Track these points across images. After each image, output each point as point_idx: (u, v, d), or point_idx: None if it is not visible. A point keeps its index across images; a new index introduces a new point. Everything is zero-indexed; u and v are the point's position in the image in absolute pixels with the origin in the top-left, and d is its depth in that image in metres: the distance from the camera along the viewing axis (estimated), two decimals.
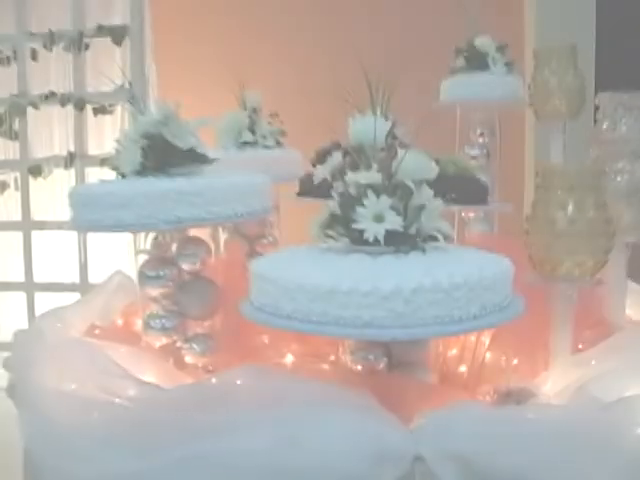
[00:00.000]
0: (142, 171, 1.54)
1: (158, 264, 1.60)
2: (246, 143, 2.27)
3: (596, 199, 1.40)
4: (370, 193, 1.27)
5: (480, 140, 2.36)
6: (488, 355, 1.62)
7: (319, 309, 1.18)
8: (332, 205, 1.32)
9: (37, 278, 3.25)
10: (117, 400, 1.31)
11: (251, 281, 1.33)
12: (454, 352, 1.63)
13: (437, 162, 1.46)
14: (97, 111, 3.26)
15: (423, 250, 1.27)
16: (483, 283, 1.19)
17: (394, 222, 1.25)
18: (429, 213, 1.30)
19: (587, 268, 1.41)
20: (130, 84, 3.78)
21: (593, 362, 1.42)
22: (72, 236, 3.16)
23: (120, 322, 1.90)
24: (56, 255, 3.29)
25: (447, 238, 1.33)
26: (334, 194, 1.34)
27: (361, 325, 1.16)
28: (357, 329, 1.16)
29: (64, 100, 3.26)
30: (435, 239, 1.31)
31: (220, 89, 2.15)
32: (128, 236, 2.36)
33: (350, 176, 1.31)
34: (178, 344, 1.63)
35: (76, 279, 3.21)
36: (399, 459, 1.16)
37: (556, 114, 2.12)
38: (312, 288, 1.18)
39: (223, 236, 2.36)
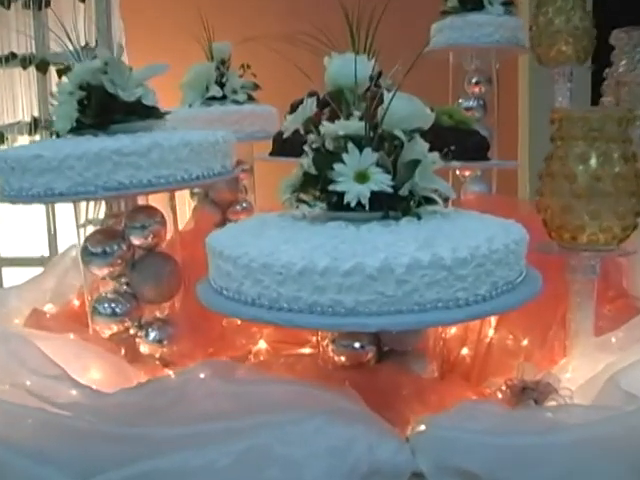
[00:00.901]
0: (79, 129, 1.29)
1: (104, 238, 1.36)
2: (214, 98, 2.03)
3: (624, 151, 1.16)
4: (351, 147, 1.02)
5: (476, 90, 2.12)
6: (492, 334, 1.38)
7: (289, 294, 0.94)
8: (305, 163, 1.08)
9: (3, 252, 3.02)
10: (50, 407, 1.06)
11: (209, 258, 1.09)
12: (454, 331, 1.38)
13: None
14: (62, 72, 2.98)
15: (418, 216, 1.03)
16: (494, 257, 0.96)
17: (381, 182, 1.00)
18: (424, 170, 1.05)
19: (613, 234, 1.17)
20: (96, 42, 3.57)
21: (619, 345, 1.19)
22: (40, 206, 2.95)
23: (77, 304, 1.65)
24: (23, 227, 3.08)
25: (446, 201, 1.09)
26: (307, 149, 1.09)
27: (342, 313, 0.92)
28: (337, 318, 0.92)
29: (26, 62, 3.02)
30: (432, 202, 1.06)
31: (193, 46, 1.97)
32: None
33: (326, 126, 1.06)
34: (131, 332, 1.41)
35: (45, 252, 3.00)
36: (394, 476, 0.93)
37: (562, 59, 1.88)
38: (280, 267, 0.94)
39: (193, 203, 2.13)
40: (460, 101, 2.13)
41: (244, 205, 2.03)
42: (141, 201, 1.52)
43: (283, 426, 0.95)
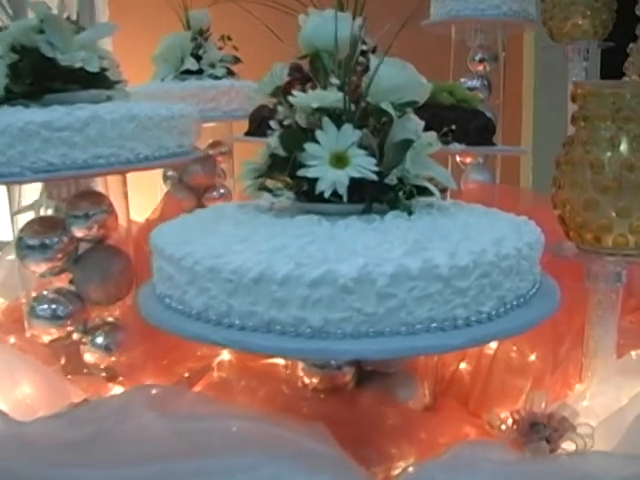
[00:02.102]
0: (9, 99, 1.08)
1: (43, 229, 1.16)
2: (189, 72, 1.83)
3: None
4: (326, 122, 0.82)
5: (480, 69, 1.90)
6: (495, 345, 1.17)
7: (242, 307, 0.74)
8: (272, 142, 0.87)
9: None
10: None
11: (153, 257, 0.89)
12: None
13: None
14: None
15: (409, 211, 0.83)
16: (502, 265, 0.75)
17: (363, 166, 0.80)
18: (418, 153, 0.85)
19: None
20: (78, 15, 3.36)
21: None
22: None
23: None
24: None
25: (444, 192, 0.89)
26: (274, 126, 0.89)
27: (307, 334, 0.72)
28: (300, 341, 0.72)
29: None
30: (427, 193, 0.86)
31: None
32: None
33: (297, 97, 0.85)
34: (75, 337, 1.20)
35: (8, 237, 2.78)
36: None
37: (577, 34, 1.67)
38: (231, 273, 0.74)
39: (165, 188, 1.93)
40: (462, 80, 1.91)
41: (221, 191, 1.85)
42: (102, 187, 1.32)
43: (234, 473, 0.75)
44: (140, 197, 2.20)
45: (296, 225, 0.81)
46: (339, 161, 0.81)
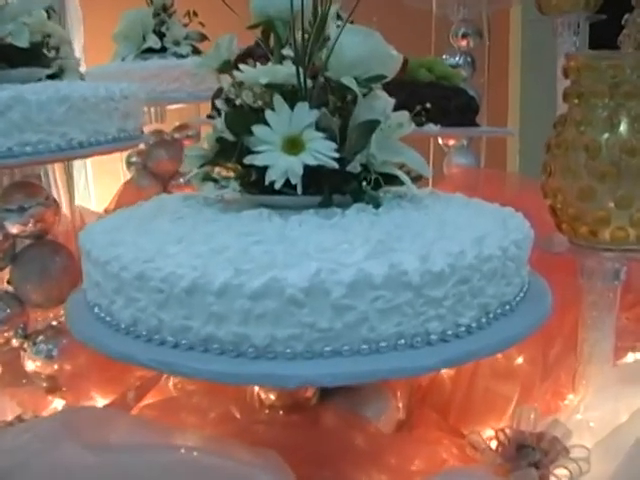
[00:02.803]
0: None
1: None
2: (151, 50, 1.70)
3: None
4: (278, 101, 0.69)
5: (463, 44, 1.78)
6: None
7: (174, 322, 0.62)
8: (218, 125, 0.75)
9: None
10: None
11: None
12: None
13: (402, 64, 0.89)
14: None
15: (375, 203, 0.71)
16: (485, 268, 0.63)
17: (321, 152, 0.68)
18: (386, 136, 0.73)
19: None
20: None
21: None
22: None
23: None
24: None
25: (416, 180, 0.77)
26: (221, 106, 0.76)
27: (250, 355, 0.60)
28: (241, 363, 0.60)
29: None
30: (396, 182, 0.74)
31: None
32: None
33: (244, 72, 0.73)
34: (14, 343, 1.07)
35: None
36: None
37: (568, 7, 1.55)
38: (160, 281, 0.62)
39: (129, 175, 1.80)
40: (444, 57, 1.79)
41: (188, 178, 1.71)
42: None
43: None
44: (105, 184, 2.07)
45: (242, 221, 0.69)
46: (293, 146, 0.69)
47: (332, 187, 0.71)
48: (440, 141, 1.73)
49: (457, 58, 1.78)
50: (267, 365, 0.59)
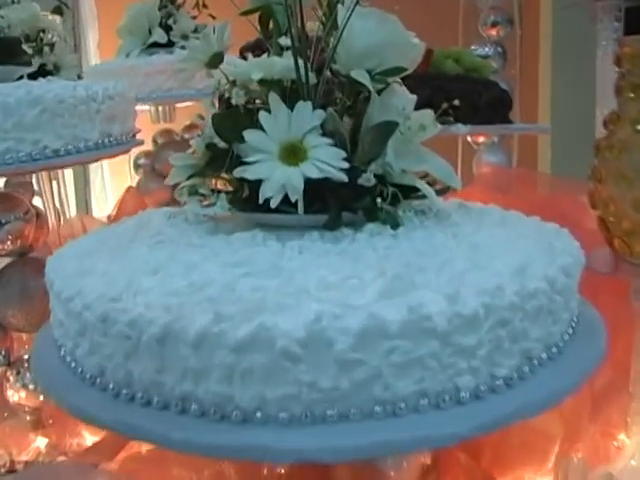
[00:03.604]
0: None
1: None
2: (157, 45, 1.58)
3: None
4: (274, 100, 0.57)
5: (493, 34, 1.65)
6: None
7: (144, 376, 0.50)
8: (207, 130, 0.63)
9: None
10: None
11: None
12: None
13: (426, 55, 0.77)
14: None
15: (393, 223, 0.58)
16: (529, 306, 0.51)
17: (326, 161, 0.56)
18: (406, 141, 0.60)
19: None
20: None
21: None
22: None
23: None
24: None
25: (442, 193, 0.64)
26: (208, 107, 0.64)
27: (235, 419, 0.48)
28: (224, 430, 0.48)
29: None
30: (417, 194, 0.62)
31: None
32: None
33: (235, 67, 0.61)
34: None
35: None
36: None
37: None
38: (127, 326, 0.49)
39: (137, 178, 1.69)
40: (473, 48, 1.66)
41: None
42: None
43: None
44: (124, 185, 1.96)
45: (232, 247, 0.57)
46: (292, 155, 0.57)
47: (340, 204, 0.58)
48: (469, 138, 1.61)
49: (487, 48, 1.66)
50: (255, 433, 0.46)
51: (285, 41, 0.61)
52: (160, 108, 1.64)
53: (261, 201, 0.57)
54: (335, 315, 0.46)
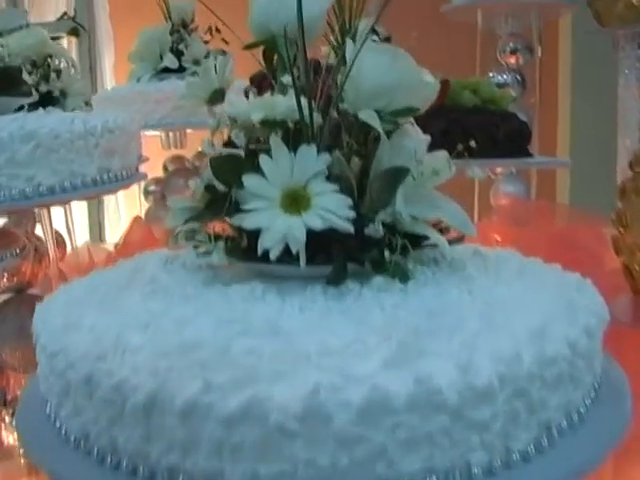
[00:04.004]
0: None
1: None
2: (168, 70, 1.55)
3: None
4: (275, 143, 0.53)
5: (511, 61, 1.61)
6: None
7: (129, 444, 0.46)
8: (205, 173, 0.59)
9: None
10: None
11: None
12: None
13: (442, 87, 0.73)
14: None
15: (402, 276, 0.54)
16: (548, 374, 0.46)
17: (332, 210, 0.52)
18: (418, 186, 0.56)
19: None
20: (75, 12, 3.20)
21: None
22: None
23: None
24: None
25: (456, 242, 0.60)
26: (207, 148, 0.61)
27: None
28: None
29: None
30: (428, 244, 0.58)
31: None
32: None
33: (232, 105, 0.57)
34: None
35: None
36: None
37: (631, 17, 1.38)
38: (112, 390, 0.46)
39: (146, 205, 1.67)
40: (491, 75, 1.62)
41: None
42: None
43: None
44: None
45: (228, 300, 0.54)
46: (294, 203, 0.53)
47: (346, 256, 0.54)
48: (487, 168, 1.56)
49: (505, 76, 1.61)
50: None
51: (288, 79, 0.57)
52: (171, 134, 1.61)
53: (260, 253, 0.53)
54: (335, 387, 0.42)
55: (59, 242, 1.37)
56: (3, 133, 0.72)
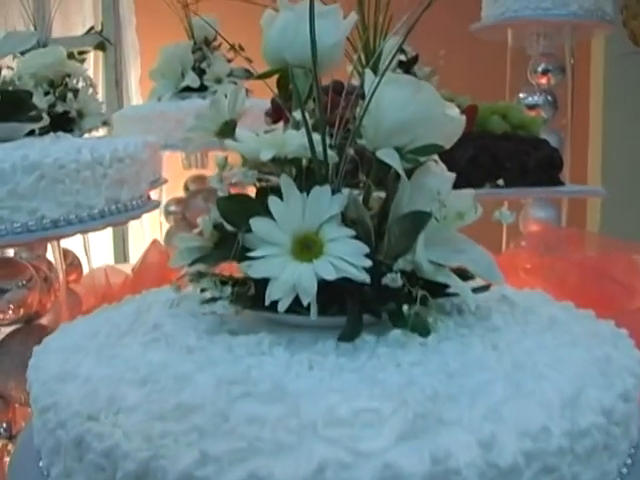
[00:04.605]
0: None
1: None
2: (190, 90, 1.52)
3: None
4: (286, 183, 0.50)
5: (543, 82, 1.56)
6: None
7: None
8: (212, 211, 0.56)
9: None
10: None
11: None
12: None
13: (470, 112, 0.70)
14: None
15: (422, 331, 0.50)
16: (580, 448, 0.42)
17: (347, 259, 0.48)
18: (440, 229, 0.52)
19: None
20: (102, 25, 3.20)
21: None
22: None
23: None
24: None
25: (481, 290, 0.56)
26: (215, 184, 0.57)
27: None
28: None
29: None
30: (448, 292, 0.54)
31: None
32: None
33: (239, 141, 0.53)
34: None
35: None
36: None
37: None
38: (102, 457, 0.42)
39: (166, 225, 1.64)
40: (521, 96, 1.58)
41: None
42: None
43: None
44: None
45: (233, 354, 0.50)
46: (306, 249, 0.49)
47: (361, 307, 0.50)
48: None
49: (536, 97, 1.56)
50: None
51: (298, 116, 0.53)
52: (192, 154, 1.58)
53: (267, 303, 0.49)
54: (343, 464, 0.38)
55: (75, 264, 1.34)
56: (5, 164, 0.68)
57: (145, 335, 0.55)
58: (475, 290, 0.54)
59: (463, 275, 0.55)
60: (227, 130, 0.59)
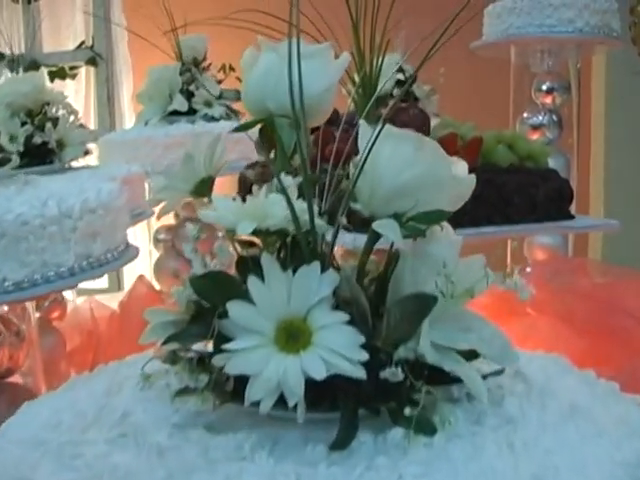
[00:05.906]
0: None
1: None
2: (177, 113, 1.46)
3: None
4: (267, 262, 0.42)
5: (547, 101, 1.50)
6: None
7: None
8: (186, 290, 0.49)
9: None
10: None
11: None
12: None
13: (474, 145, 0.64)
14: (54, 75, 2.60)
15: (428, 431, 0.43)
16: None
17: (338, 351, 0.41)
18: (446, 310, 0.45)
19: None
20: (93, 40, 3.15)
21: None
22: None
23: None
24: None
25: (494, 374, 0.49)
26: (190, 255, 0.50)
27: None
28: None
29: (13, 63, 2.55)
30: (452, 379, 0.46)
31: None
32: None
33: (219, 211, 0.46)
34: None
35: None
36: None
37: None
38: None
39: (156, 253, 1.57)
40: (525, 116, 1.51)
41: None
42: None
43: None
44: None
45: (207, 459, 0.43)
46: (292, 339, 0.42)
47: (356, 406, 0.43)
48: None
49: (540, 117, 1.49)
50: None
51: (286, 179, 0.46)
52: None
53: (247, 404, 0.42)
54: None
55: (59, 301, 1.27)
56: None
57: (112, 429, 0.48)
58: (486, 377, 0.47)
59: (471, 353, 0.48)
60: (203, 189, 0.52)
